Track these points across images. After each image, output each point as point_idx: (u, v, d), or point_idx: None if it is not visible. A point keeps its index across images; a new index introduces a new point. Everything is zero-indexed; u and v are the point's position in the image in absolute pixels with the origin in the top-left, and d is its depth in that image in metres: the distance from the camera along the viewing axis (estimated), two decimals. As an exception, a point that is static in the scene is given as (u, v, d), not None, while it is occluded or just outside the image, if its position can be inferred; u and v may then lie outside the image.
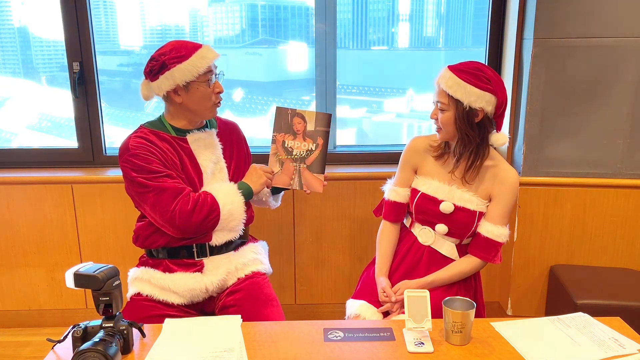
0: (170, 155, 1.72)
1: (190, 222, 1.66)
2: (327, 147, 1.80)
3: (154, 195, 1.65)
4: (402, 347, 1.35)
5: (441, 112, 1.69)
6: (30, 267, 2.63)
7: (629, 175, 2.40)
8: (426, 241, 1.83)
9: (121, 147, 1.72)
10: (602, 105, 2.35)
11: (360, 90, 2.82)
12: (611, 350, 1.33)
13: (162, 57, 1.67)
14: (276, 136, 1.80)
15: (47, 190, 2.54)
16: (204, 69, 1.68)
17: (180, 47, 1.69)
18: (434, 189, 1.78)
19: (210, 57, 1.70)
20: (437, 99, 1.70)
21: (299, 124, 1.79)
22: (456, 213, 1.75)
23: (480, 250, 1.76)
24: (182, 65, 1.66)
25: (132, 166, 1.67)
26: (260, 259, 1.89)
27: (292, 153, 1.80)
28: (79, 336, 1.28)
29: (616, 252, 2.47)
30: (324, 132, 1.79)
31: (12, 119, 2.77)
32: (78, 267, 1.29)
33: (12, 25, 2.63)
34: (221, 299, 1.78)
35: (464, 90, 1.63)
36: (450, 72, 1.66)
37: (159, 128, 1.76)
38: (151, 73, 1.70)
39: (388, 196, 1.91)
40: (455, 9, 2.69)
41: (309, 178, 1.81)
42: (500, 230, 1.72)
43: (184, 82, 1.67)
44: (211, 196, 1.70)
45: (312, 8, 2.60)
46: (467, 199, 1.74)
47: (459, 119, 1.66)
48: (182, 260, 1.77)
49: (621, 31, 2.27)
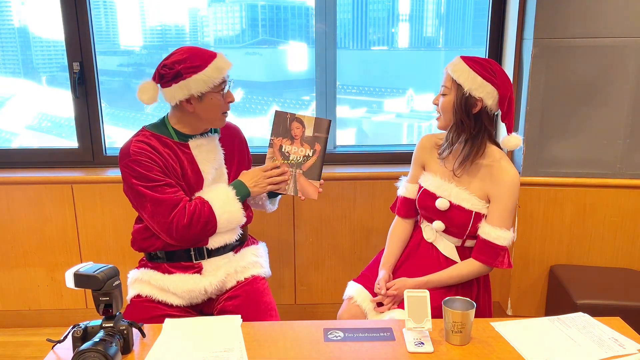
0: (172, 162, 1.71)
1: (188, 234, 1.67)
2: (324, 153, 1.76)
3: (151, 206, 1.65)
4: (402, 347, 1.35)
5: (442, 97, 1.74)
6: (30, 267, 2.63)
7: (629, 175, 2.40)
8: (429, 238, 1.86)
9: (122, 150, 1.70)
10: (602, 105, 2.35)
11: (360, 90, 2.82)
12: (611, 350, 1.33)
13: (176, 66, 1.64)
14: (274, 140, 1.78)
15: (47, 190, 2.54)
16: (219, 80, 1.67)
17: (195, 57, 1.66)
18: (435, 186, 1.80)
19: (225, 68, 1.69)
20: (442, 84, 1.74)
21: (298, 128, 1.76)
22: (451, 211, 1.75)
23: (480, 254, 1.74)
24: (197, 75, 1.63)
25: (132, 172, 1.66)
26: (261, 262, 1.89)
27: (288, 158, 1.78)
28: (79, 336, 1.28)
29: (616, 252, 2.47)
30: (323, 138, 1.76)
31: (12, 119, 2.77)
32: (78, 267, 1.29)
33: (12, 25, 2.63)
34: (220, 302, 1.78)
35: (467, 75, 1.67)
36: (460, 59, 1.71)
37: (162, 132, 1.75)
38: (163, 79, 1.67)
39: (400, 192, 1.96)
40: (455, 9, 2.69)
41: (305, 184, 1.78)
42: (499, 232, 1.69)
43: (199, 92, 1.66)
44: (208, 206, 1.68)
45: (312, 8, 2.60)
46: (463, 198, 1.74)
47: (457, 104, 1.69)
48: (180, 263, 1.77)
49: (621, 31, 2.27)
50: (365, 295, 1.82)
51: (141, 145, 1.68)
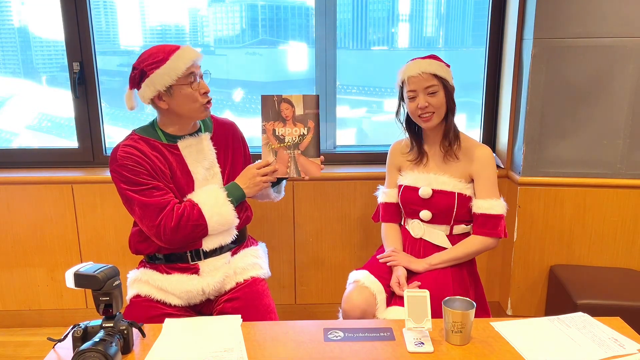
0: (160, 165, 1.70)
1: (177, 237, 1.66)
2: (319, 129, 1.75)
3: (139, 209, 1.66)
4: (402, 347, 1.35)
5: (432, 96, 1.80)
6: (30, 267, 2.63)
7: (628, 175, 2.40)
8: (417, 234, 1.92)
9: (111, 154, 1.71)
10: (602, 105, 2.35)
11: (360, 90, 2.82)
12: (611, 350, 1.33)
13: (140, 65, 1.65)
14: (265, 125, 1.76)
15: (47, 190, 2.54)
16: (183, 71, 1.64)
17: (157, 52, 1.65)
18: (414, 179, 1.90)
19: (188, 58, 1.65)
20: (425, 85, 1.80)
21: (287, 109, 1.75)
22: (435, 196, 1.85)
23: (480, 227, 1.83)
24: (159, 70, 1.62)
25: (120, 177, 1.66)
26: (260, 263, 1.88)
27: (284, 140, 1.76)
28: (79, 336, 1.28)
29: (616, 252, 2.47)
30: (314, 114, 1.74)
31: (12, 119, 2.77)
32: (78, 267, 1.29)
33: (12, 25, 2.63)
34: (220, 303, 1.77)
35: (442, 68, 1.81)
36: (424, 59, 1.82)
37: (151, 134, 1.74)
38: (134, 82, 1.68)
39: (381, 199, 2.05)
40: (455, 9, 2.69)
41: (306, 163, 1.77)
42: (491, 202, 1.81)
43: (164, 86, 1.64)
44: (197, 209, 1.67)
45: (312, 8, 2.60)
46: (443, 182, 1.85)
47: (448, 97, 1.82)
48: (178, 264, 1.77)
49: (621, 31, 2.27)
50: (372, 279, 1.82)
51: (128, 150, 1.68)
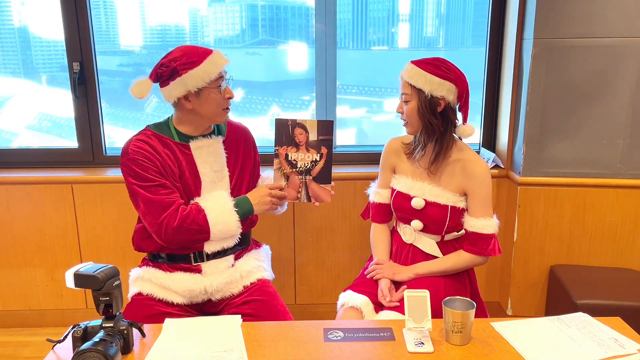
0: (169, 163, 1.71)
1: (177, 237, 1.67)
2: (331, 155, 1.74)
3: (143, 205, 1.66)
4: (402, 347, 1.35)
5: (405, 105, 1.76)
6: (30, 267, 2.63)
7: (628, 175, 2.40)
8: (408, 239, 1.88)
9: (123, 147, 1.71)
10: (602, 105, 2.35)
11: (360, 90, 2.82)
12: (611, 350, 1.33)
13: (172, 63, 1.65)
14: (278, 150, 1.74)
15: (47, 190, 2.54)
16: (216, 75, 1.67)
17: (191, 53, 1.67)
18: (407, 187, 1.84)
19: (221, 63, 1.69)
20: (402, 92, 1.77)
21: (301, 134, 1.73)
22: (427, 208, 1.79)
23: (470, 245, 1.79)
24: (193, 71, 1.64)
25: (129, 170, 1.67)
26: (264, 266, 1.89)
27: (296, 166, 1.75)
28: (79, 336, 1.28)
29: (616, 252, 2.47)
30: (327, 140, 1.73)
31: (12, 119, 2.77)
32: (78, 267, 1.29)
33: (12, 25, 2.63)
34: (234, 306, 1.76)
35: (424, 79, 1.70)
36: (412, 65, 1.74)
37: (164, 132, 1.75)
38: (160, 79, 1.68)
39: (372, 199, 1.98)
40: (455, 9, 2.69)
41: (316, 189, 1.76)
42: (483, 222, 1.75)
43: (196, 88, 1.66)
44: (203, 214, 1.67)
45: (312, 8, 2.60)
46: (437, 194, 1.78)
47: (421, 108, 1.72)
48: (180, 264, 1.77)
49: (621, 31, 2.27)
50: (356, 297, 1.79)
51: (140, 144, 1.69)
